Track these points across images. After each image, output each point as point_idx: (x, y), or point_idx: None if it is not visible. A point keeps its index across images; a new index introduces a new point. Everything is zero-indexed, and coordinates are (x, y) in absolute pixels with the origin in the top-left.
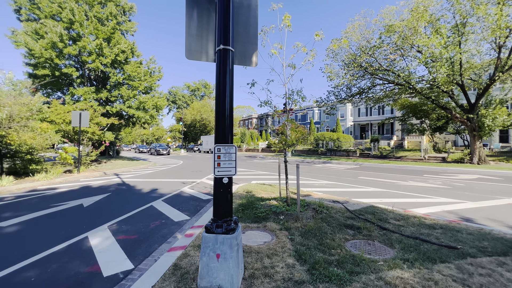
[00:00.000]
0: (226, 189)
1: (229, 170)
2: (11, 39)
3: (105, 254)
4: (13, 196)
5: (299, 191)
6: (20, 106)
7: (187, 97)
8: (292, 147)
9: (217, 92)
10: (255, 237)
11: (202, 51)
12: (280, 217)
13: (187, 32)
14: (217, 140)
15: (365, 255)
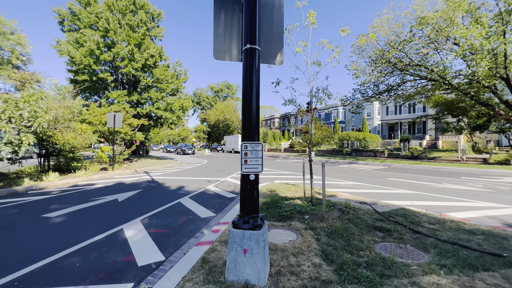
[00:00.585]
0: (253, 186)
1: (256, 167)
2: (56, 48)
3: (138, 245)
4: (59, 190)
5: (325, 191)
6: (64, 109)
7: (211, 98)
8: (317, 146)
9: (244, 90)
10: (280, 236)
11: (229, 51)
12: (305, 216)
13: (215, 33)
14: (244, 137)
15: (396, 258)
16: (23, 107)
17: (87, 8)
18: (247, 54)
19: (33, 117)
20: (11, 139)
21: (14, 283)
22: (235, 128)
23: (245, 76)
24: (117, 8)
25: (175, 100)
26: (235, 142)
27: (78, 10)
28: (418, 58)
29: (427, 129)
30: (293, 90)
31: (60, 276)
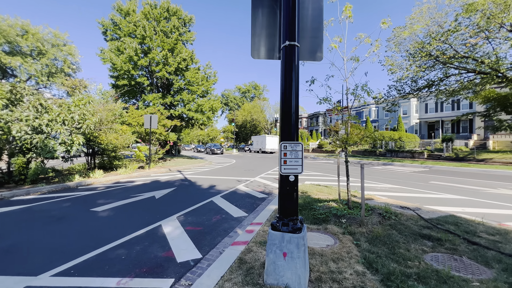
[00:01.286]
0: (292, 187)
1: (296, 168)
2: (100, 56)
3: (176, 242)
4: (104, 186)
5: (364, 194)
6: (107, 112)
7: (238, 99)
8: (354, 146)
9: (282, 89)
10: (316, 239)
11: (267, 50)
12: (341, 220)
13: (252, 32)
14: (283, 137)
15: (452, 271)
16: (74, 111)
17: (126, 18)
18: (286, 52)
19: (82, 119)
20: (65, 139)
21: (70, 270)
22: (262, 128)
23: (284, 74)
24: (152, 16)
25: (205, 101)
26: (262, 142)
27: (118, 20)
28: (464, 49)
29: (474, 128)
30: (328, 87)
31: (108, 267)
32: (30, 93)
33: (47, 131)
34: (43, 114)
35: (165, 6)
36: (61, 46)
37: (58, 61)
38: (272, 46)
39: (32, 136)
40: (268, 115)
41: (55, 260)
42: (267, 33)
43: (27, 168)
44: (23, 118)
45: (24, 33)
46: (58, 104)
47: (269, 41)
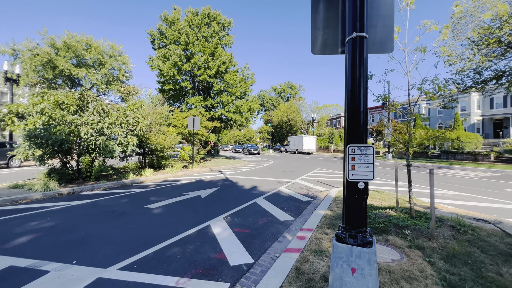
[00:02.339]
0: (362, 195)
1: (366, 174)
2: (149, 64)
3: (227, 243)
4: (154, 184)
5: (434, 203)
6: (156, 115)
7: (274, 100)
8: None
9: (348, 85)
10: (378, 252)
11: (329, 44)
12: (404, 231)
13: (313, 26)
14: (350, 139)
15: None
16: (129, 114)
17: (171, 27)
18: (352, 44)
19: (135, 122)
20: (122, 140)
21: (134, 265)
22: (299, 128)
23: (350, 69)
24: (194, 23)
25: (243, 102)
26: (299, 143)
27: (165, 29)
28: None
29: None
30: (387, 83)
31: (166, 265)
32: (94, 100)
33: (108, 133)
34: (104, 118)
35: (206, 12)
36: (117, 57)
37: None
38: (335, 40)
39: (96, 137)
40: (305, 114)
41: (121, 253)
42: (329, 26)
43: (91, 166)
44: (89, 122)
45: (88, 47)
46: (115, 109)
47: (332, 35)
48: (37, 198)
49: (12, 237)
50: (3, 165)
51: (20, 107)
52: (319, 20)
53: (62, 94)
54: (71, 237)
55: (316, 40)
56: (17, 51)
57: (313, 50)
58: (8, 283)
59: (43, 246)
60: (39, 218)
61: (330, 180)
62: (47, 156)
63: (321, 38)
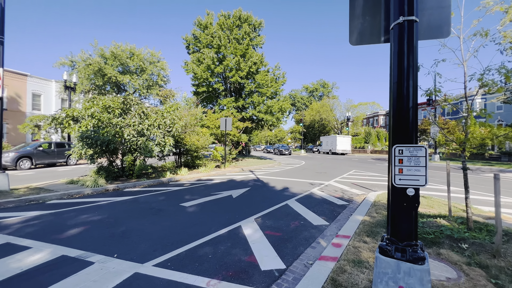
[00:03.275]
0: (411, 203)
1: (417, 179)
2: (184, 68)
3: (257, 246)
4: (189, 183)
5: (499, 213)
6: (190, 116)
7: (306, 99)
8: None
9: (394, 77)
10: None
11: (370, 32)
12: (461, 245)
13: (351, 14)
14: (397, 139)
15: None
16: (166, 116)
17: (205, 31)
18: (399, 30)
19: (172, 123)
20: (159, 141)
21: (167, 263)
22: (332, 128)
23: (396, 58)
24: (226, 26)
25: (274, 102)
26: (332, 143)
27: (198, 34)
28: None
29: None
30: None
31: (198, 265)
32: (136, 103)
33: (147, 134)
34: (144, 120)
35: (237, 15)
36: (156, 63)
37: (153, 75)
38: (376, 27)
39: (137, 138)
40: (339, 113)
41: (156, 250)
42: (369, 13)
43: (134, 165)
44: (131, 124)
45: (131, 55)
46: (154, 111)
47: (373, 22)
48: (88, 193)
49: (66, 228)
50: (63, 163)
51: (75, 112)
52: (358, 7)
53: (108, 99)
54: (114, 231)
55: (355, 30)
56: (74, 62)
57: (351, 41)
58: (60, 271)
59: (90, 238)
60: (88, 212)
61: (367, 183)
62: (97, 155)
63: (360, 26)
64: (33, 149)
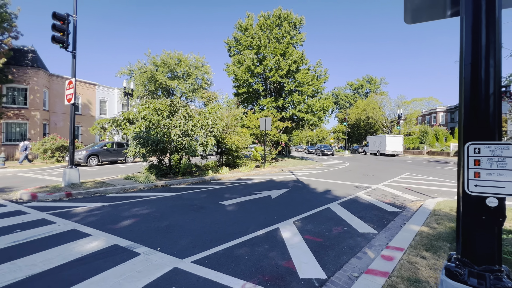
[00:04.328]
0: (494, 217)
1: (501, 185)
2: (225, 70)
3: (296, 251)
4: (229, 182)
5: None
6: (231, 117)
7: (350, 97)
8: None
9: (468, 58)
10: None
11: (432, 5)
12: None
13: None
14: (471, 135)
15: None
16: (208, 117)
17: (245, 33)
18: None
19: (214, 124)
20: (202, 141)
21: (205, 260)
22: (380, 127)
23: (470, 32)
24: (266, 26)
25: (315, 101)
26: (380, 143)
27: (239, 37)
28: None
29: None
30: None
31: (234, 265)
32: (182, 106)
33: (191, 134)
34: (189, 121)
35: (277, 14)
36: (200, 67)
37: (198, 79)
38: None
39: (182, 138)
40: (388, 111)
41: (195, 246)
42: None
43: (179, 163)
44: (177, 125)
45: (178, 62)
46: (197, 112)
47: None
48: (140, 188)
49: (120, 219)
50: (122, 161)
51: (130, 114)
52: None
53: (158, 102)
54: (159, 225)
55: (411, 4)
56: (131, 71)
57: (406, 19)
58: (111, 259)
59: (138, 230)
60: (139, 205)
61: (423, 188)
62: (148, 154)
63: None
64: (100, 148)
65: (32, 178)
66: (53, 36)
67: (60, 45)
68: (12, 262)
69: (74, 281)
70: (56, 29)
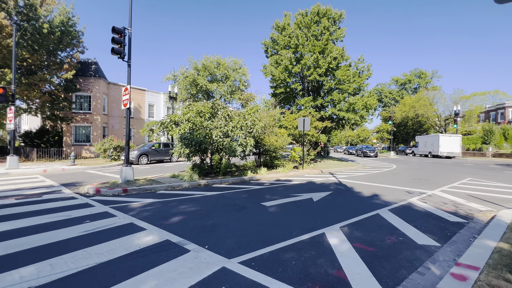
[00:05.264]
0: None
1: None
2: (262, 72)
3: (346, 260)
4: (268, 183)
5: None
6: (269, 117)
7: (395, 93)
8: None
9: None
10: None
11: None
12: None
13: None
14: None
15: None
16: (247, 118)
17: (282, 33)
18: None
19: (252, 125)
20: (242, 141)
21: (251, 262)
22: (431, 125)
23: None
24: (303, 24)
25: (357, 99)
26: (433, 144)
27: (276, 37)
28: None
29: None
30: None
31: (281, 270)
32: (222, 107)
33: (231, 135)
34: (229, 122)
35: (315, 11)
36: (238, 70)
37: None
38: None
39: (223, 139)
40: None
41: (241, 247)
42: None
43: (220, 163)
44: (218, 126)
45: (217, 65)
46: (237, 114)
47: None
48: (185, 186)
49: (169, 215)
50: (168, 160)
51: (176, 117)
52: None
53: (200, 105)
54: (205, 223)
55: None
56: (175, 76)
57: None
58: (165, 254)
59: (186, 227)
60: (185, 203)
61: (493, 197)
62: (192, 153)
63: None
64: (149, 148)
65: (95, 175)
66: (112, 48)
67: (118, 56)
68: (84, 250)
69: (135, 272)
70: (115, 42)
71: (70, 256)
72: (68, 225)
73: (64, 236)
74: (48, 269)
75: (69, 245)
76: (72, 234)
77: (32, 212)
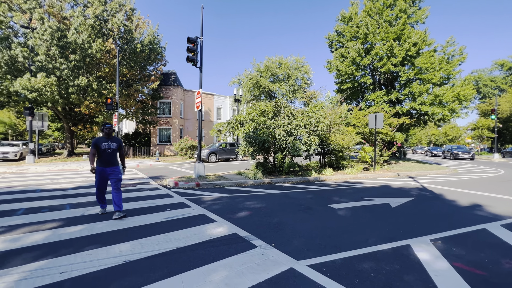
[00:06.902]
0: None
1: None
2: (327, 67)
3: (445, 282)
4: (335, 184)
5: None
6: (335, 114)
7: (500, 80)
8: None
9: None
10: None
11: None
12: None
13: None
14: None
15: None
16: (311, 116)
17: (349, 23)
18: None
19: (317, 123)
20: (305, 140)
21: (322, 268)
22: None
23: None
24: (374, 10)
25: (446, 89)
26: None
27: (342, 29)
28: None
29: None
30: None
31: (358, 281)
32: (284, 106)
33: (295, 134)
34: (292, 120)
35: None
36: (300, 68)
37: (298, 80)
38: None
39: (286, 138)
40: None
41: (309, 249)
42: None
43: (283, 162)
44: (281, 125)
45: (279, 65)
46: (300, 112)
47: None
48: (250, 184)
49: (237, 210)
50: (234, 158)
51: (241, 117)
52: None
53: (264, 104)
54: (270, 221)
55: None
56: (240, 80)
57: None
58: (233, 246)
59: (253, 223)
60: (251, 200)
61: None
62: (256, 152)
63: None
64: (217, 148)
65: (174, 170)
66: (187, 57)
67: (191, 63)
68: (165, 234)
69: (207, 261)
70: (189, 51)
71: (155, 238)
72: (154, 211)
73: (151, 221)
74: (139, 247)
75: (154, 228)
76: (157, 220)
77: (130, 198)
